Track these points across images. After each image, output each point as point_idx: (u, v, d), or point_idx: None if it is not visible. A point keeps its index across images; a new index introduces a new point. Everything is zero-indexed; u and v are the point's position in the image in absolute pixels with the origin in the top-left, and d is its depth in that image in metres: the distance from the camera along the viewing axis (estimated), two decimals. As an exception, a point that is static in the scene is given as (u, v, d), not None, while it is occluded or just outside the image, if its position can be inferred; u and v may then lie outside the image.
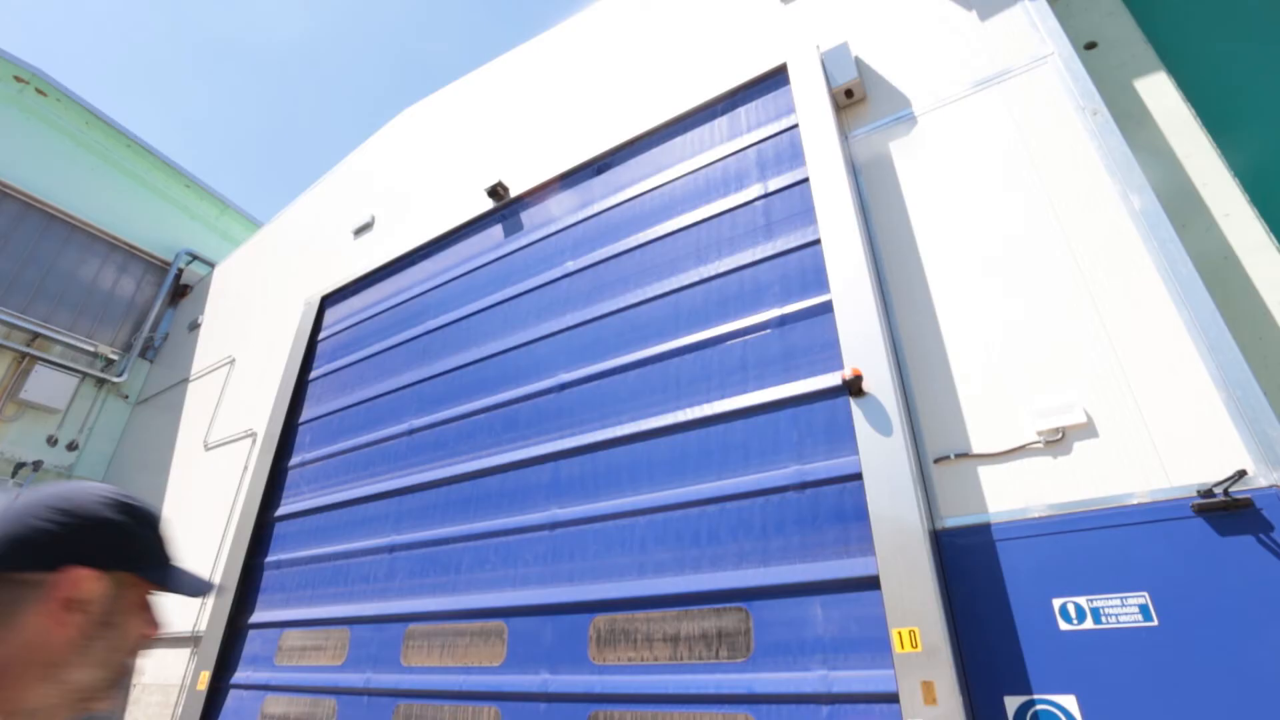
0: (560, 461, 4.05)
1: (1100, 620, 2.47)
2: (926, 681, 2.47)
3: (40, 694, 0.76)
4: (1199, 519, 2.43)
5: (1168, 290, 2.77)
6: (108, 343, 9.61)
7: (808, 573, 2.94)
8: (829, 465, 3.09)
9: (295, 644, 4.92)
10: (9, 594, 0.76)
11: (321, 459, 5.67)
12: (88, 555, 0.82)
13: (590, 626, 3.46)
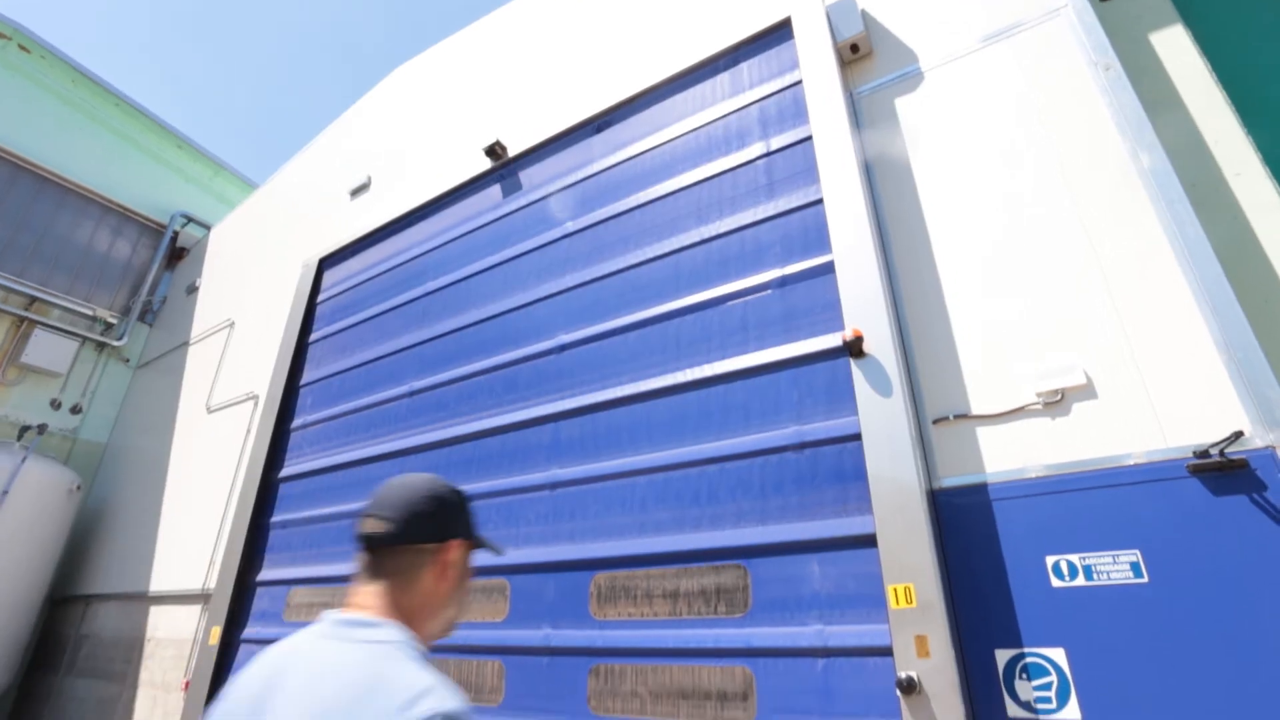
0: (560, 422, 4.07)
1: (1092, 577, 2.52)
2: (920, 635, 2.53)
3: (432, 626, 1.14)
4: (1194, 479, 2.46)
5: (1173, 250, 2.74)
6: (106, 306, 9.57)
7: (806, 531, 2.98)
8: (828, 426, 3.11)
9: (303, 601, 5.03)
10: (414, 560, 1.13)
11: (323, 421, 5.70)
12: (453, 529, 1.19)
13: (591, 583, 3.53)
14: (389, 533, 1.10)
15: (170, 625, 6.42)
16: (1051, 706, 2.44)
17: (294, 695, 0.92)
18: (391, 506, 1.13)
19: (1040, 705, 2.45)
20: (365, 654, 0.96)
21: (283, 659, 1.00)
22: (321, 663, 0.96)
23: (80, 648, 7.50)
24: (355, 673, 0.92)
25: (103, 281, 9.65)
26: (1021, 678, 2.51)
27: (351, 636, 1.01)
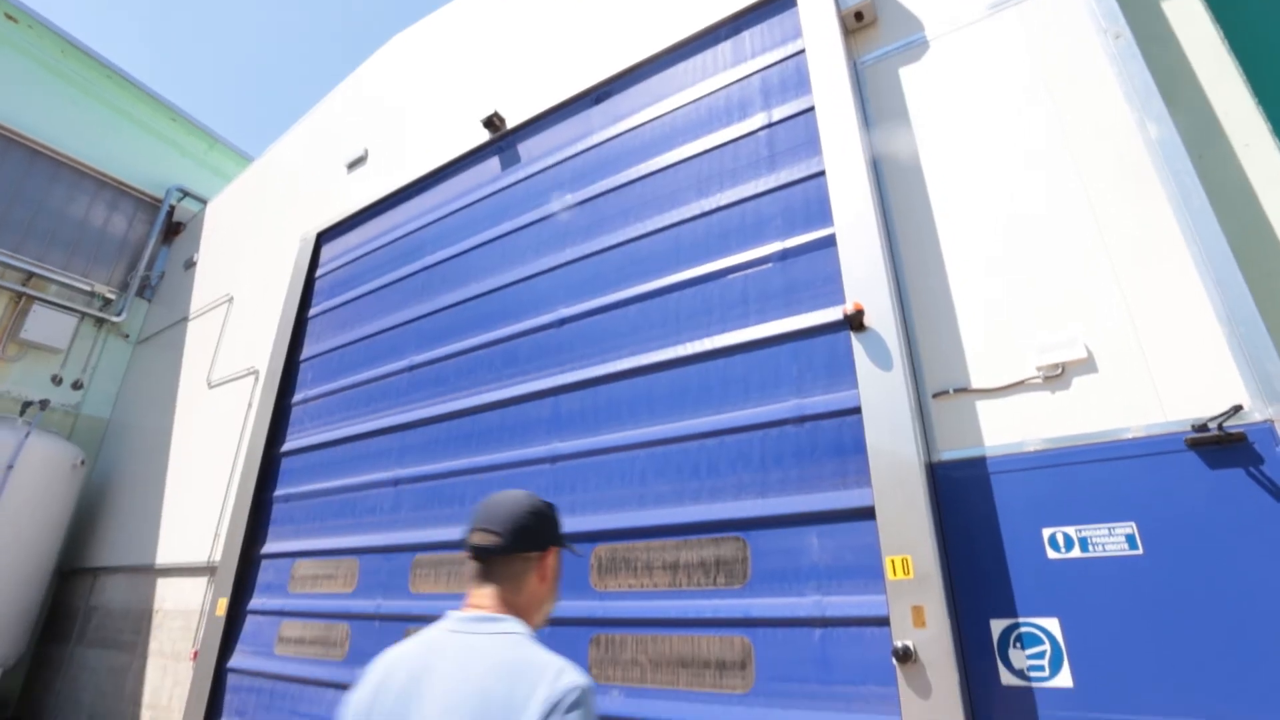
0: (560, 396, 4.08)
1: (1087, 549, 2.54)
2: (917, 606, 2.56)
3: (537, 619, 1.33)
4: (1191, 453, 2.46)
5: (1178, 223, 2.72)
6: (104, 282, 9.53)
7: (805, 504, 3.01)
8: (828, 399, 3.12)
9: (307, 573, 5.10)
10: (521, 566, 1.31)
11: (324, 395, 5.72)
12: (550, 539, 1.40)
13: (592, 555, 3.57)
14: (499, 545, 1.30)
15: (177, 597, 6.52)
16: (1044, 675, 2.48)
17: (446, 677, 1.07)
18: (499, 521, 1.31)
19: (1033, 673, 2.49)
20: (500, 642, 1.14)
21: (422, 649, 1.16)
22: (465, 650, 1.12)
23: (90, 619, 7.62)
24: (500, 655, 1.10)
25: (100, 257, 9.60)
26: (1015, 647, 2.55)
27: (482, 630, 1.18)
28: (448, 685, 1.05)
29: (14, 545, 7.01)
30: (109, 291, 9.50)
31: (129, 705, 6.42)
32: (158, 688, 6.21)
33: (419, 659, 1.13)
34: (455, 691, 1.03)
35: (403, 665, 1.13)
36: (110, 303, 9.55)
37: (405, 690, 1.07)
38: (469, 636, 1.16)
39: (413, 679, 1.09)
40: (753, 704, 2.84)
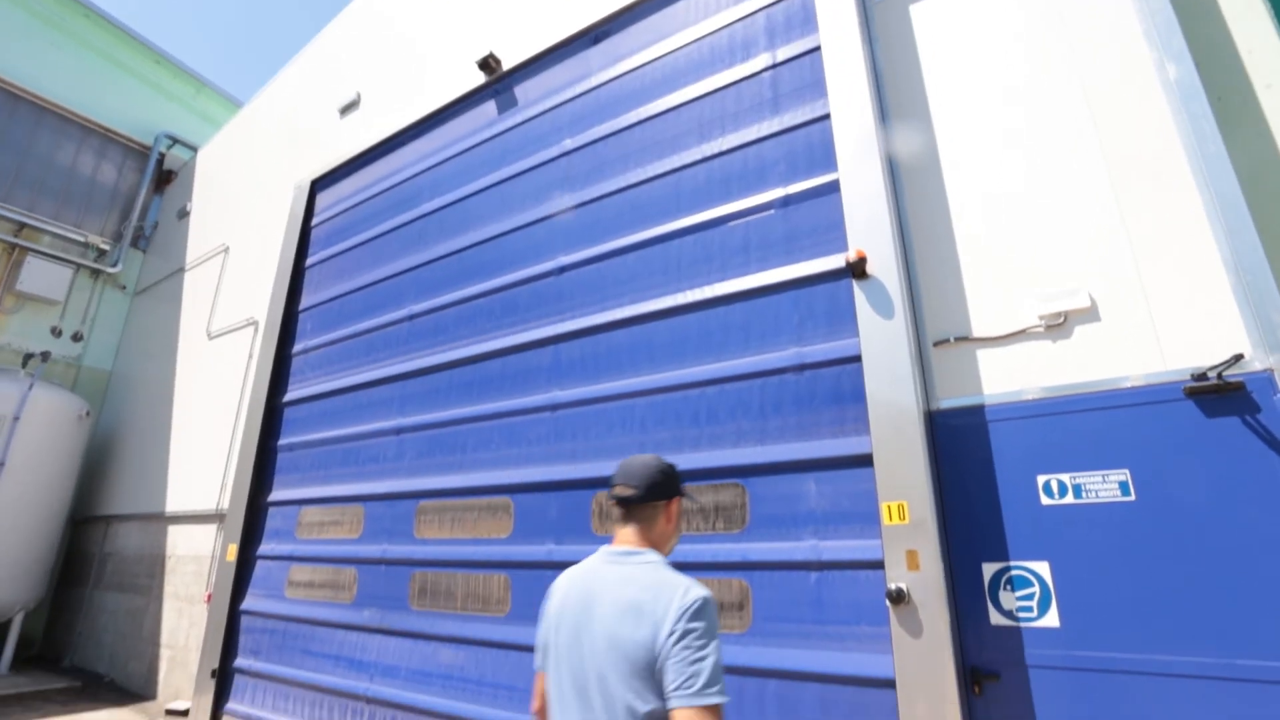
0: (561, 344, 4.07)
1: (1080, 495, 2.58)
2: (911, 550, 2.62)
3: (665, 551, 1.65)
4: (1189, 401, 2.47)
5: (1191, 167, 2.65)
6: (97, 232, 9.41)
7: (803, 451, 3.04)
8: (829, 348, 3.11)
9: (314, 519, 5.20)
10: (653, 511, 1.64)
11: (324, 345, 5.71)
12: (674, 490, 1.70)
13: (592, 502, 3.63)
14: (637, 495, 1.64)
15: (188, 543, 6.68)
16: (1032, 615, 2.55)
17: (610, 594, 1.47)
18: (635, 477, 1.65)
19: (1022, 614, 2.57)
20: (645, 569, 1.52)
21: (589, 574, 1.57)
22: (620, 575, 1.51)
23: (105, 564, 7.83)
24: (647, 577, 1.48)
25: (91, 207, 9.44)
26: (1005, 589, 2.62)
27: (630, 561, 1.56)
28: (612, 599, 1.45)
29: (26, 494, 7.13)
30: (103, 242, 9.38)
31: (148, 645, 6.66)
32: (174, 628, 6.43)
33: (587, 580, 1.54)
34: (618, 604, 1.43)
35: (577, 585, 1.56)
36: (105, 254, 9.45)
37: (582, 603, 1.49)
38: (621, 566, 1.54)
39: (586, 594, 1.51)
40: (749, 643, 2.93)
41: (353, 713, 4.31)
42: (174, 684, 6.12)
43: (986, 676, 2.56)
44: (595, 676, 1.37)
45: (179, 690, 5.96)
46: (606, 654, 1.37)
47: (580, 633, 1.44)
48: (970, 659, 2.60)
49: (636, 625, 1.36)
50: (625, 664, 1.34)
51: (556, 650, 1.47)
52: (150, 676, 6.45)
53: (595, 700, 1.35)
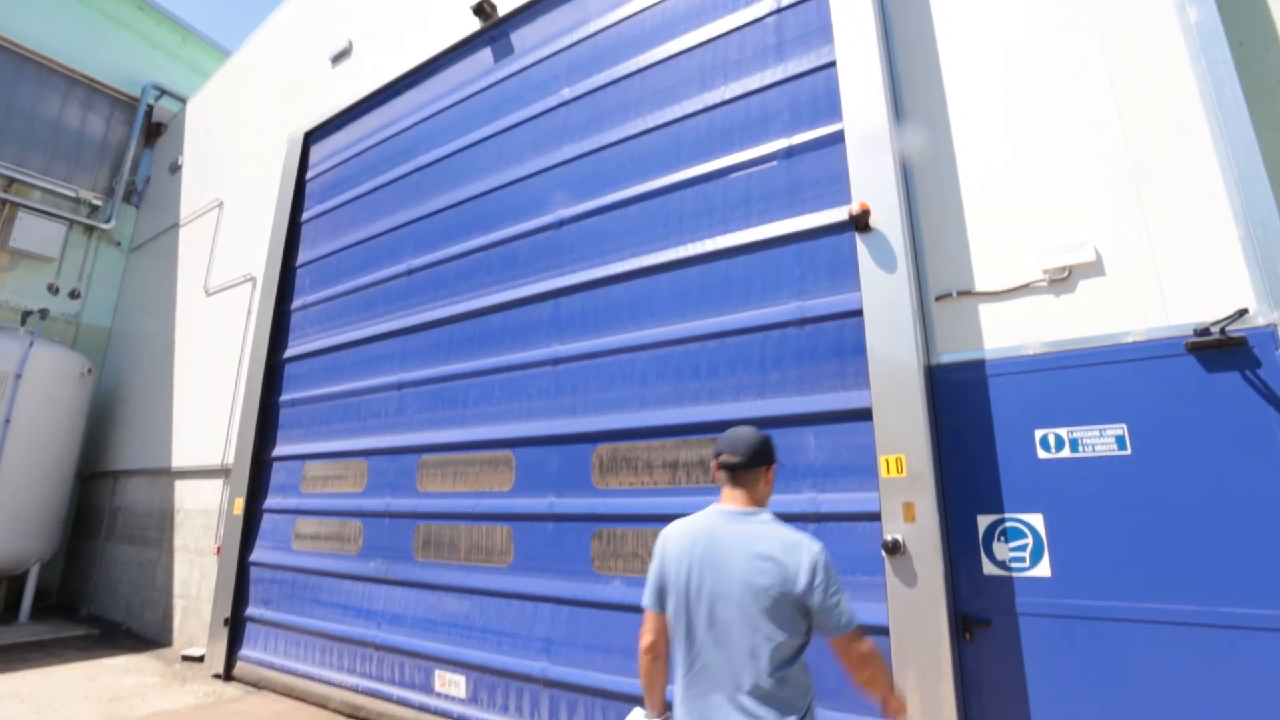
0: (561, 299, 4.05)
1: (1077, 449, 2.60)
2: (908, 503, 2.66)
3: None
4: (1190, 357, 2.46)
5: (1206, 115, 2.58)
6: (88, 187, 9.25)
7: (803, 405, 3.05)
8: (830, 302, 3.09)
9: (318, 474, 5.27)
10: (754, 476, 1.82)
11: (323, 301, 5.69)
12: (771, 458, 1.88)
13: (593, 455, 3.67)
14: (743, 462, 1.82)
15: (196, 497, 6.79)
16: (1024, 565, 2.60)
17: (741, 549, 1.67)
18: (741, 447, 1.84)
19: (1014, 564, 2.62)
20: (768, 527, 1.73)
21: (705, 529, 1.75)
22: (745, 532, 1.71)
23: (116, 518, 7.98)
24: (774, 534, 1.70)
25: (80, 161, 9.26)
26: (999, 540, 2.66)
27: (751, 520, 1.76)
28: (746, 552, 1.65)
29: (34, 450, 7.21)
30: (94, 197, 9.24)
31: (161, 595, 6.84)
32: (186, 579, 6.59)
33: (711, 534, 1.72)
34: (752, 556, 1.63)
35: (701, 537, 1.73)
36: (97, 209, 9.31)
37: (711, 554, 1.68)
38: (744, 524, 1.74)
39: (713, 546, 1.69)
40: (746, 591, 3.00)
41: (361, 658, 4.45)
42: (189, 631, 6.31)
43: (978, 624, 2.63)
44: (732, 615, 1.61)
45: (194, 637, 6.15)
46: (742, 596, 1.61)
47: (714, 579, 1.65)
48: (962, 607, 2.66)
49: (772, 575, 1.62)
50: (761, 606, 1.60)
51: (685, 592, 1.68)
52: (165, 624, 6.64)
53: (730, 634, 1.60)
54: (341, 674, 4.52)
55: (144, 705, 4.60)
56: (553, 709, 3.47)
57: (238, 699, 4.79)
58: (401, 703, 4.11)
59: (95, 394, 8.61)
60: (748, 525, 1.73)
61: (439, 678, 3.98)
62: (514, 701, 3.62)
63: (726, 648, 1.60)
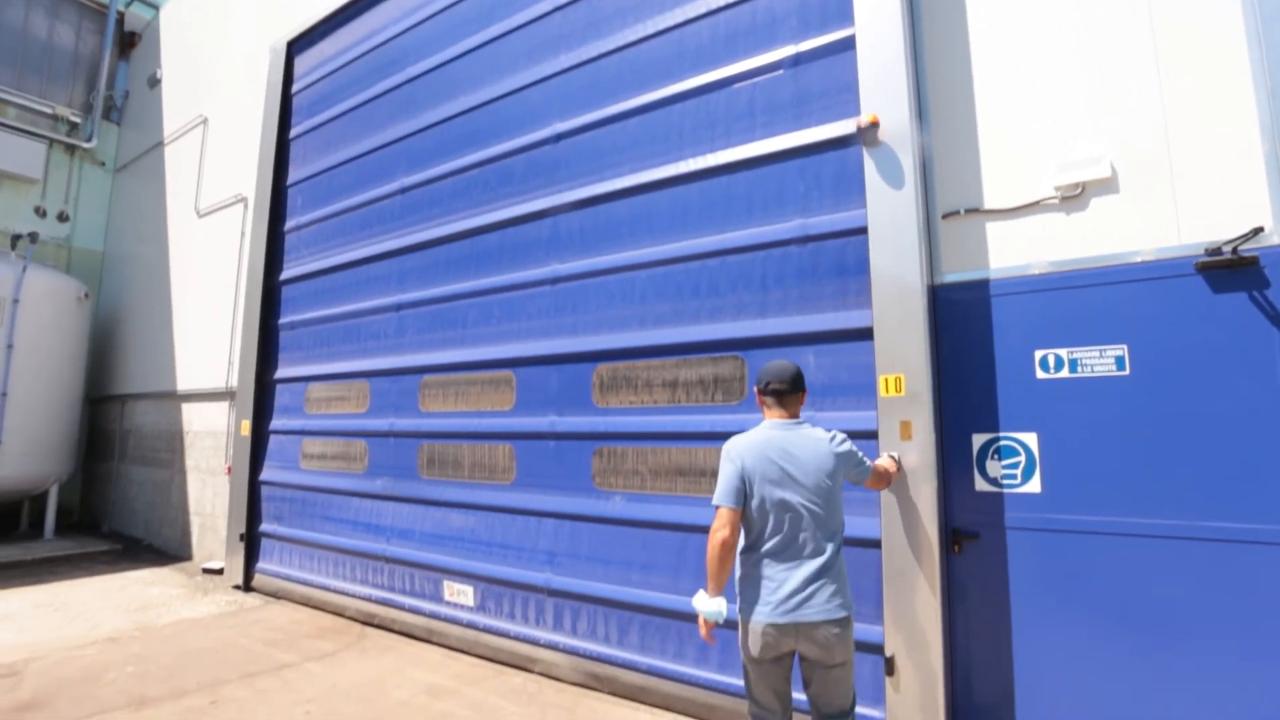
0: (559, 216, 3.96)
1: (1076, 370, 2.60)
2: (905, 421, 2.69)
3: None
4: (1198, 277, 2.43)
5: (1245, 23, 2.42)
6: (64, 103, 8.88)
7: (803, 324, 3.03)
8: (834, 219, 3.01)
9: (321, 395, 5.33)
10: (795, 398, 2.31)
11: (317, 222, 5.57)
12: (804, 385, 2.31)
13: (593, 374, 3.69)
14: (788, 388, 2.24)
15: (203, 420, 6.90)
16: (1015, 482, 2.66)
17: (803, 447, 2.11)
18: (786, 376, 2.25)
19: (1006, 481, 2.68)
20: (813, 429, 2.20)
21: (776, 437, 2.14)
22: (803, 434, 2.16)
23: (127, 440, 8.14)
24: (817, 433, 2.19)
25: (54, 75, 8.84)
26: (993, 458, 2.71)
27: (801, 428, 2.19)
28: (806, 451, 2.08)
29: (39, 375, 7.26)
30: (72, 114, 8.88)
31: (178, 513, 7.08)
32: (200, 498, 6.80)
33: (778, 440, 2.11)
34: (812, 453, 2.08)
35: (770, 443, 2.10)
36: (77, 127, 8.97)
37: (783, 454, 2.06)
38: (797, 431, 2.17)
39: (783, 449, 2.08)
40: (743, 506, 3.09)
41: (373, 570, 4.65)
42: (207, 546, 6.57)
43: (966, 537, 2.72)
44: (807, 493, 2.04)
45: (212, 552, 6.41)
46: (813, 477, 2.05)
47: (791, 472, 2.05)
48: (953, 521, 2.75)
49: (829, 460, 2.10)
50: (823, 489, 2.06)
51: (768, 485, 2.04)
52: (184, 540, 6.91)
53: (809, 509, 2.03)
54: (355, 585, 4.74)
55: (170, 614, 4.85)
56: (557, 616, 3.65)
57: (257, 608, 5.04)
58: (413, 611, 4.33)
59: (95, 319, 8.60)
60: (800, 430, 2.16)
61: (448, 588, 4.17)
62: (520, 610, 3.81)
63: (801, 524, 2.02)
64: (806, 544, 2.01)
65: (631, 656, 3.33)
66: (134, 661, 3.82)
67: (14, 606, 4.98)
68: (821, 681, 2.02)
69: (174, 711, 3.14)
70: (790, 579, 1.97)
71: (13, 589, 5.51)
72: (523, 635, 3.76)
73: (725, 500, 2.02)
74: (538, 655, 3.68)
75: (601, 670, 3.43)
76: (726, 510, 2.00)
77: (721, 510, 2.01)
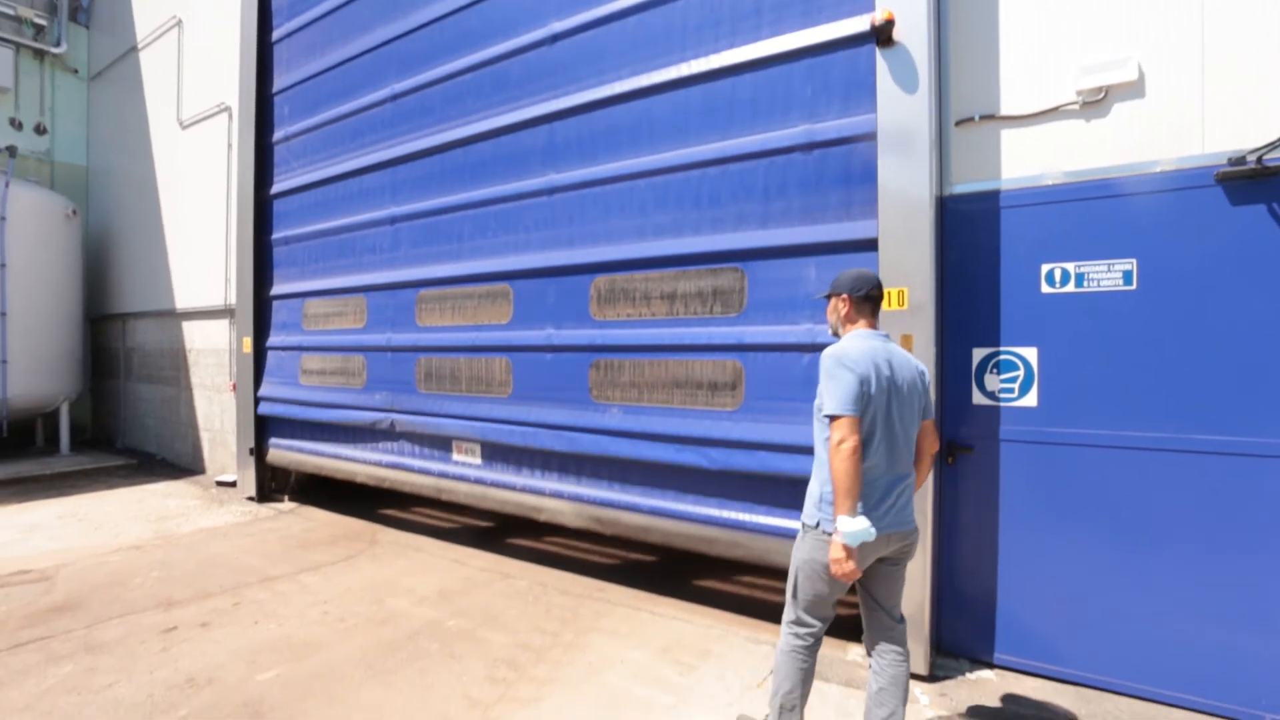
0: (555, 123, 3.80)
1: (1082, 284, 2.56)
2: (906, 335, 2.67)
3: None
4: (1217, 188, 2.35)
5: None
6: (26, 4, 8.35)
7: (806, 235, 2.96)
8: (842, 125, 2.88)
9: (318, 311, 5.30)
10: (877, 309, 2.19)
11: (305, 132, 5.35)
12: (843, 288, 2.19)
13: (591, 287, 3.64)
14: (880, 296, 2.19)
15: (205, 337, 6.92)
16: (1013, 395, 2.68)
17: (900, 361, 2.06)
18: (879, 283, 2.16)
19: (1003, 395, 2.70)
20: (903, 350, 2.14)
21: (882, 350, 2.03)
22: (899, 352, 2.10)
23: (131, 359, 8.20)
24: (912, 358, 2.13)
25: (10, -28, 8.27)
26: (992, 372, 2.72)
27: (893, 343, 2.12)
28: (908, 370, 2.06)
29: (35, 293, 7.22)
30: (36, 16, 8.37)
31: (188, 429, 7.23)
32: (208, 414, 6.92)
33: (882, 351, 2.03)
34: (913, 374, 2.07)
35: (879, 354, 2.01)
36: (43, 30, 8.48)
37: (890, 367, 2.01)
38: (896, 348, 2.11)
39: (889, 362, 2.02)
40: (740, 419, 3.13)
41: (384, 441, 4.83)
42: (219, 460, 6.75)
43: (961, 449, 2.76)
44: (905, 412, 2.04)
45: (224, 466, 6.59)
46: (910, 396, 2.05)
47: (899, 384, 2.03)
48: (948, 434, 2.79)
49: (918, 382, 2.10)
50: (917, 405, 2.08)
51: (882, 397, 1.99)
52: (196, 455, 7.09)
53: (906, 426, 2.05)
54: (365, 452, 4.96)
55: (189, 523, 5.04)
56: (562, 472, 3.85)
57: (271, 518, 5.23)
58: (422, 472, 4.53)
59: (86, 237, 8.46)
60: (897, 347, 2.13)
61: (456, 447, 4.35)
62: (526, 463, 4.00)
63: (903, 435, 2.04)
64: (902, 457, 2.02)
65: (634, 499, 3.50)
66: (158, 567, 4.00)
67: (40, 518, 5.17)
68: (892, 580, 2.07)
69: (200, 612, 3.32)
70: (892, 491, 1.98)
71: (37, 501, 5.71)
72: (529, 486, 3.96)
73: (849, 407, 1.88)
74: (543, 505, 3.89)
75: (604, 514, 3.61)
76: (850, 418, 1.88)
77: (844, 419, 1.88)
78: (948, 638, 2.83)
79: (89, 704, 2.45)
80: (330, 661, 2.79)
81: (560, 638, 3.04)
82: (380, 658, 2.83)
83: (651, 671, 2.72)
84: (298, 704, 2.46)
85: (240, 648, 2.92)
